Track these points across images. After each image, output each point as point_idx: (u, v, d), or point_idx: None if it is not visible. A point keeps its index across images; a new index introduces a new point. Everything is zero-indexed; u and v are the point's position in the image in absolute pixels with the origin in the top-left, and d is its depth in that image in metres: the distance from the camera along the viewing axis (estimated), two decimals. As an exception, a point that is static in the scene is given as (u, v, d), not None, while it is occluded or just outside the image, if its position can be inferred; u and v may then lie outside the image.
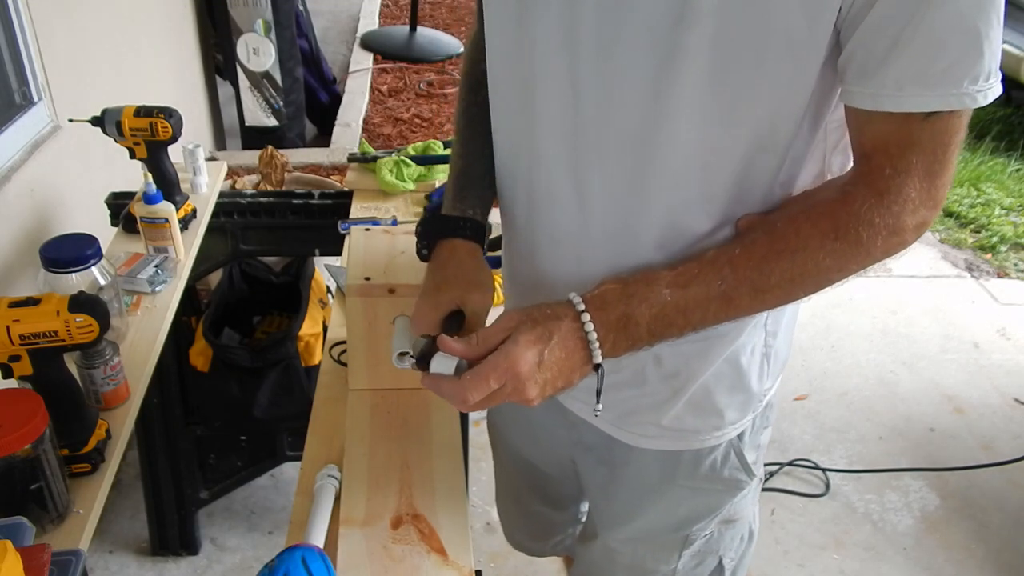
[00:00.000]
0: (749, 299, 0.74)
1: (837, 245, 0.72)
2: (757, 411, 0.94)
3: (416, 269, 1.12)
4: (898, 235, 0.72)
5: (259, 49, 3.28)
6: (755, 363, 0.89)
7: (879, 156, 0.72)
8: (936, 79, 0.67)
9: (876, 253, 0.73)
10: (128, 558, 1.91)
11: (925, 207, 0.72)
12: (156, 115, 1.42)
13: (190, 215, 1.56)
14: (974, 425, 2.44)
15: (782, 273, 0.73)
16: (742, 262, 0.73)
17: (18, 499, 0.88)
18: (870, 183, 0.72)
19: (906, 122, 0.69)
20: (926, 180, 0.71)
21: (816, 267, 0.73)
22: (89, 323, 0.96)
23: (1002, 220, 3.57)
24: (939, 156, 0.71)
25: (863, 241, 0.72)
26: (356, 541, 0.93)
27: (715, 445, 0.93)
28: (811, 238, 0.73)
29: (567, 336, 0.73)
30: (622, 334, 0.74)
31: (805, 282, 0.74)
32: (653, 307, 0.73)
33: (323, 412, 1.18)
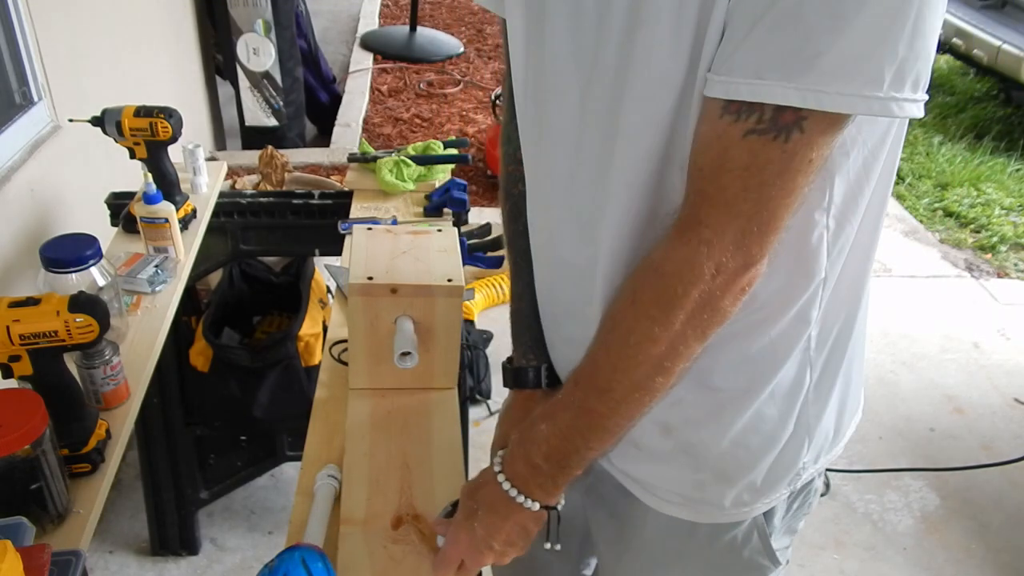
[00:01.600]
0: (600, 403, 0.70)
1: (635, 311, 0.66)
2: (794, 487, 0.83)
3: (418, 269, 1.11)
4: (696, 285, 0.62)
5: (259, 49, 3.28)
6: (790, 433, 0.79)
7: (694, 177, 0.63)
8: (800, 68, 0.55)
9: (678, 313, 0.64)
10: (128, 558, 1.91)
11: (725, 251, 0.61)
12: (156, 115, 1.42)
13: (190, 215, 1.56)
14: (974, 425, 2.44)
15: (605, 362, 0.69)
16: (582, 368, 0.72)
17: (18, 499, 0.88)
18: (678, 218, 0.64)
19: (727, 131, 0.59)
20: (733, 219, 0.61)
21: (627, 344, 0.66)
22: (89, 323, 0.96)
23: (1002, 220, 3.57)
24: (752, 191, 0.59)
25: (657, 299, 0.64)
26: (356, 541, 0.93)
27: (738, 522, 0.84)
28: (617, 312, 0.68)
29: (492, 500, 0.80)
30: (537, 477, 0.77)
31: (630, 365, 0.67)
32: (541, 446, 0.75)
33: (323, 412, 1.17)
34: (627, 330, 0.67)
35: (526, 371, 0.94)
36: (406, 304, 1.09)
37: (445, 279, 1.10)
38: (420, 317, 1.10)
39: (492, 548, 0.81)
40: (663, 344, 0.66)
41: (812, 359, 0.76)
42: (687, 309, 0.64)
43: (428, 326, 1.11)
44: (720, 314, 0.65)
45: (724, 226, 0.61)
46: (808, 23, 0.54)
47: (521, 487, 0.78)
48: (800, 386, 0.77)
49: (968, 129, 4.38)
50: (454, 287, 1.10)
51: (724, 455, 0.79)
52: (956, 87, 4.93)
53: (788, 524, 0.89)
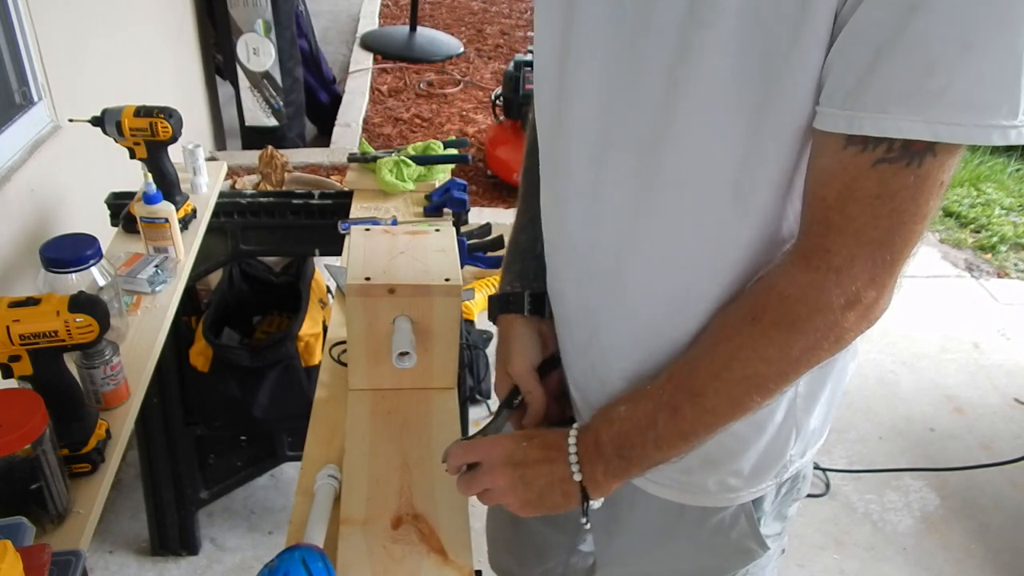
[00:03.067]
0: (689, 405, 0.69)
1: (752, 329, 0.65)
2: (781, 478, 0.85)
3: (416, 269, 1.12)
4: (822, 313, 0.61)
5: (259, 49, 3.28)
6: (778, 425, 0.80)
7: (816, 205, 0.62)
8: (927, 101, 0.54)
9: (799, 339, 0.63)
10: (128, 558, 1.91)
11: (858, 281, 0.60)
12: (156, 115, 1.43)
13: (190, 215, 1.57)
14: (974, 425, 2.44)
15: (707, 370, 0.68)
16: (680, 367, 0.70)
17: (18, 499, 0.88)
18: (798, 244, 0.64)
19: (853, 162, 0.58)
20: (863, 247, 0.60)
21: (737, 358, 0.66)
22: (89, 323, 0.96)
23: (1002, 220, 3.57)
24: (883, 219, 0.58)
25: (778, 321, 0.63)
26: (356, 541, 0.93)
27: (724, 507, 0.85)
28: (730, 325, 0.67)
29: (550, 442, 0.78)
30: (593, 454, 0.75)
31: (733, 378, 0.66)
32: (613, 425, 0.74)
33: (323, 412, 1.17)
34: (740, 345, 0.66)
35: (508, 296, 0.95)
36: (404, 304, 1.09)
37: (443, 279, 1.10)
38: (418, 317, 1.10)
39: (514, 472, 0.78)
40: (775, 366, 0.65)
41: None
42: (809, 336, 0.63)
43: (426, 326, 1.11)
44: (843, 344, 0.64)
45: (854, 255, 0.60)
46: (934, 53, 0.53)
47: (580, 454, 0.76)
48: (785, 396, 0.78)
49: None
50: (452, 287, 1.10)
51: (712, 441, 0.78)
52: (956, 87, 4.94)
53: (778, 510, 0.90)
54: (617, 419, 0.74)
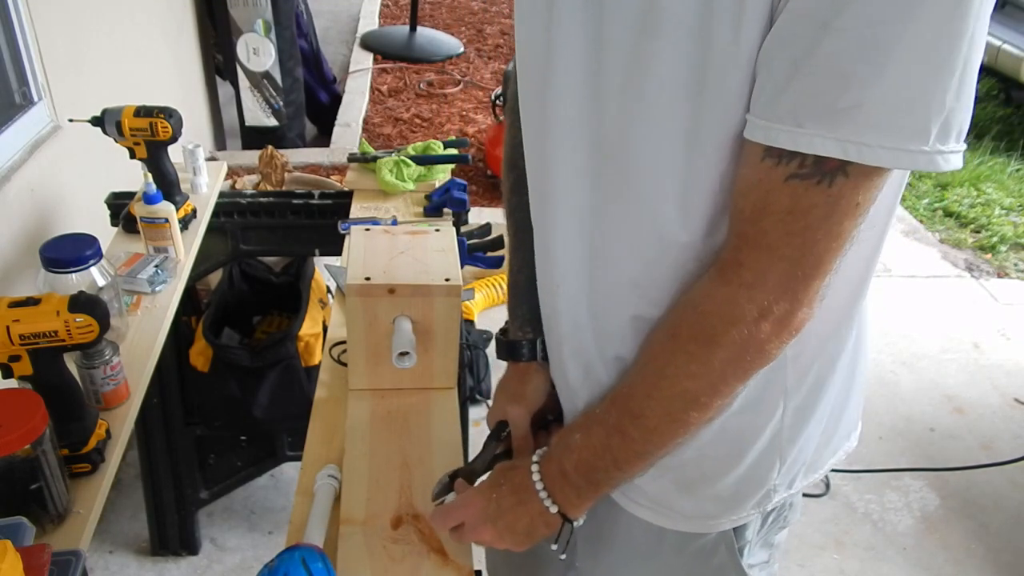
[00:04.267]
0: (634, 428, 0.69)
1: (673, 345, 0.65)
2: (764, 508, 0.82)
3: (416, 270, 1.12)
4: (736, 325, 0.61)
5: (259, 49, 3.28)
6: (759, 452, 0.77)
7: (735, 219, 0.62)
8: (839, 119, 0.54)
9: (718, 351, 0.63)
10: (128, 558, 1.91)
11: (769, 295, 0.60)
12: (156, 115, 1.43)
13: (190, 215, 1.57)
14: (974, 425, 2.44)
15: (641, 391, 0.68)
16: (619, 390, 0.71)
17: (18, 499, 0.88)
18: (719, 258, 0.64)
19: (768, 175, 0.58)
20: (775, 263, 0.59)
21: (663, 376, 0.66)
22: (89, 323, 0.96)
23: (1002, 220, 3.57)
24: (796, 235, 0.58)
25: (695, 335, 0.63)
26: (356, 541, 0.93)
27: (703, 533, 0.83)
28: (656, 343, 0.67)
29: (519, 483, 0.79)
30: (563, 483, 0.76)
31: (664, 396, 0.67)
32: (572, 454, 0.75)
33: (323, 412, 1.18)
34: (664, 362, 0.67)
35: (520, 344, 0.94)
36: (404, 304, 1.09)
37: (443, 279, 1.10)
38: (418, 317, 1.10)
39: (495, 525, 0.80)
40: (701, 381, 0.65)
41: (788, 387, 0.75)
42: (727, 348, 0.63)
43: (427, 326, 1.11)
44: (764, 356, 0.64)
45: (766, 270, 0.60)
46: (847, 71, 0.52)
47: (548, 487, 0.77)
48: (773, 407, 0.76)
49: (968, 129, 4.38)
50: (452, 287, 1.10)
51: (686, 464, 0.78)
52: (956, 87, 4.94)
53: (764, 538, 0.88)
54: (575, 447, 0.75)
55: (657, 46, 0.61)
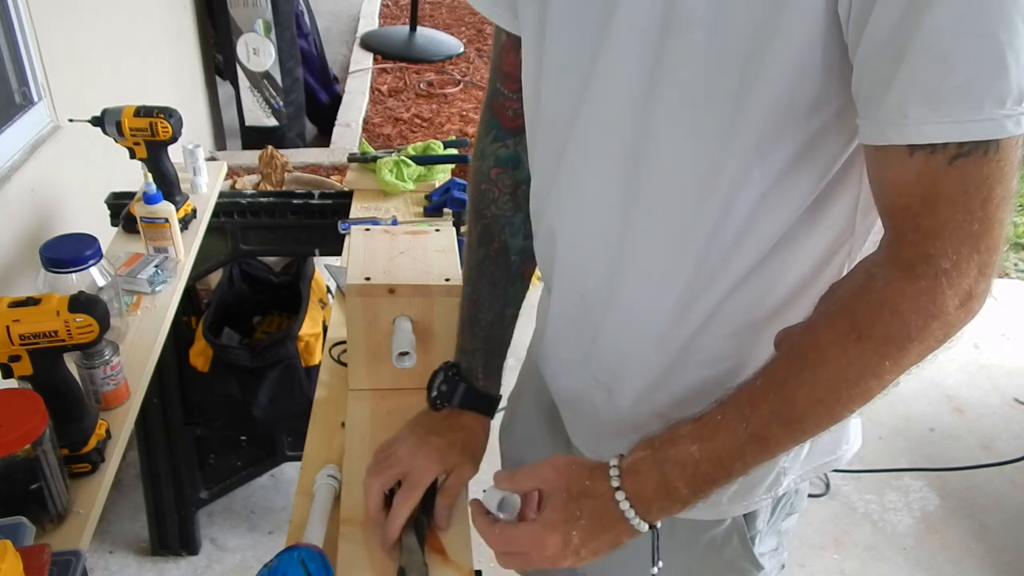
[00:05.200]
0: (783, 433, 0.66)
1: (861, 348, 0.61)
2: (775, 493, 0.83)
3: (416, 270, 1.12)
4: (938, 318, 0.59)
5: (259, 49, 3.28)
6: None
7: (901, 216, 0.60)
8: (946, 99, 0.54)
9: (914, 347, 0.61)
10: (128, 558, 1.91)
11: (968, 277, 0.58)
12: (156, 115, 1.42)
13: (190, 215, 1.56)
14: (974, 425, 2.44)
15: (807, 396, 0.64)
16: (762, 395, 0.66)
17: (18, 499, 0.88)
18: (893, 255, 0.61)
19: (927, 166, 0.57)
20: (965, 243, 0.58)
21: (845, 379, 0.63)
22: (89, 323, 0.96)
23: (1002, 220, 3.57)
24: (977, 211, 0.57)
25: (892, 336, 0.60)
26: (356, 541, 0.93)
27: (716, 521, 0.83)
28: (831, 346, 0.63)
29: (600, 513, 0.71)
30: (664, 501, 0.70)
31: (839, 399, 0.64)
32: (687, 468, 0.68)
33: (323, 412, 1.17)
34: (847, 365, 0.62)
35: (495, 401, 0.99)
36: (404, 304, 1.09)
37: (443, 279, 1.10)
38: (418, 317, 1.10)
39: (579, 554, 0.73)
40: (887, 377, 0.63)
41: None
42: (925, 342, 0.61)
43: (427, 326, 1.11)
44: (951, 340, 0.62)
45: (959, 252, 0.58)
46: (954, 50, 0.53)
47: (641, 509, 0.70)
48: None
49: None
50: (452, 287, 1.10)
51: None
52: (956, 87, 4.94)
53: (774, 526, 0.88)
54: (690, 462, 0.68)
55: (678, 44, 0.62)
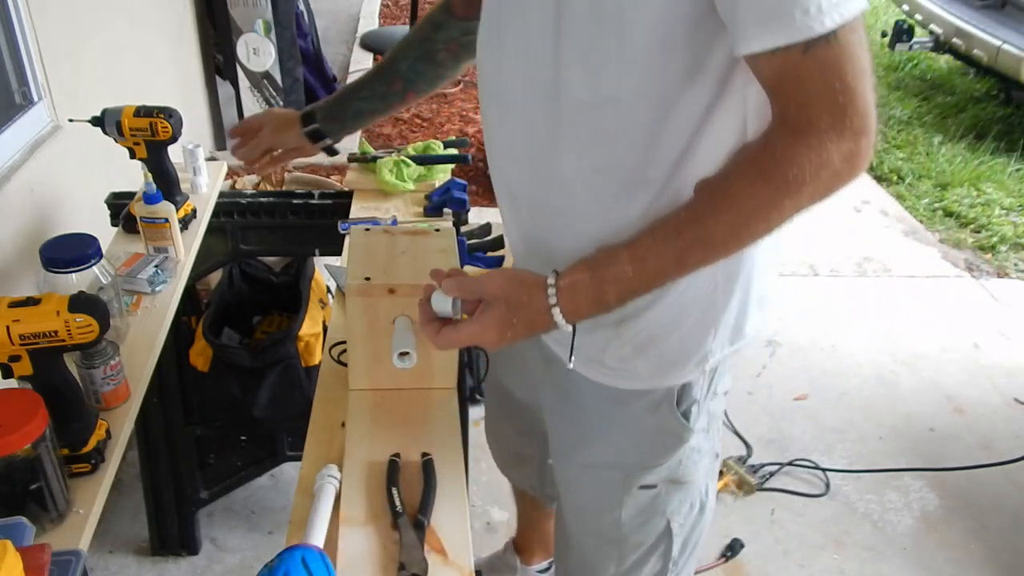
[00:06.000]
0: (701, 256, 0.80)
1: (766, 189, 0.76)
2: (704, 368, 0.98)
3: (416, 270, 1.12)
4: (826, 167, 0.74)
5: (259, 49, 3.28)
6: (697, 317, 0.94)
7: (781, 96, 0.75)
8: (768, 16, 0.70)
9: (807, 189, 0.76)
10: (128, 558, 1.91)
11: (846, 138, 0.73)
12: (156, 115, 1.42)
13: (190, 215, 1.57)
14: (974, 425, 2.44)
15: (723, 226, 0.79)
16: (686, 225, 0.80)
17: (18, 499, 0.88)
18: (783, 123, 0.75)
19: (787, 61, 0.72)
20: (835, 111, 0.72)
21: (752, 214, 0.78)
22: (89, 323, 0.96)
23: (1002, 220, 3.57)
24: (837, 85, 0.72)
25: (790, 180, 0.75)
26: (356, 541, 0.94)
27: (652, 389, 0.99)
28: (741, 188, 0.77)
29: (533, 320, 0.86)
30: (593, 311, 0.84)
31: (748, 229, 0.79)
32: (619, 285, 0.82)
33: (323, 412, 1.18)
34: (758, 204, 0.77)
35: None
36: (404, 304, 1.09)
37: (444, 279, 1.10)
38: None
39: (500, 344, 0.88)
40: (787, 213, 0.78)
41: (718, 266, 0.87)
42: (816, 186, 0.75)
43: (428, 326, 1.11)
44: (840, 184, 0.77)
45: (833, 117, 0.72)
46: None
47: (571, 319, 0.84)
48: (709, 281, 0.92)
49: (968, 129, 4.38)
50: (454, 287, 1.09)
51: (641, 331, 0.94)
52: (956, 87, 4.93)
53: (705, 404, 1.02)
54: (623, 279, 0.82)
55: None
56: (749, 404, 2.47)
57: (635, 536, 1.09)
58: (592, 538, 1.13)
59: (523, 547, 1.79)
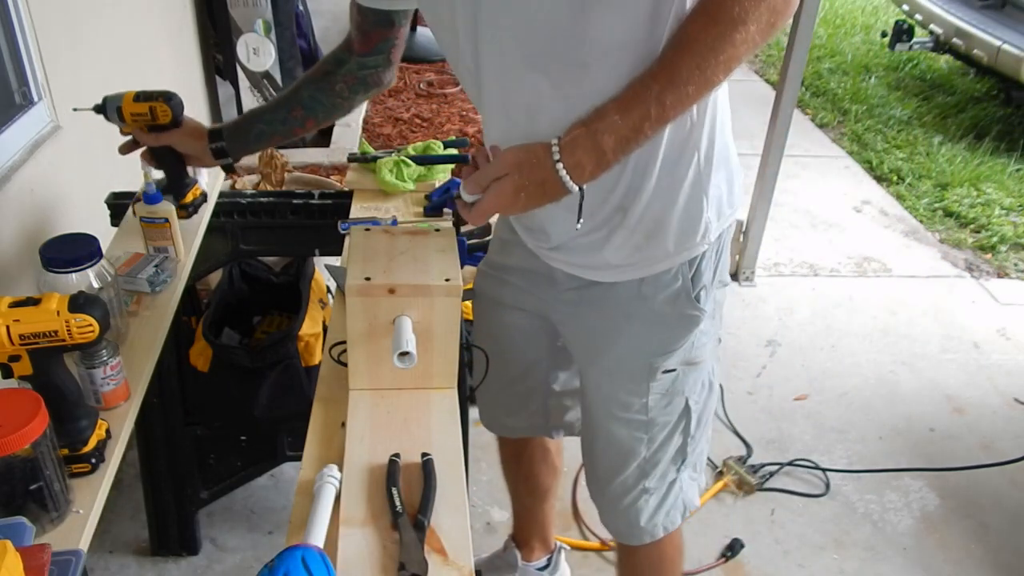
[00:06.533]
0: (674, 96, 0.90)
1: (718, 29, 0.88)
2: (709, 239, 1.10)
3: (416, 270, 1.12)
4: (764, 2, 0.87)
5: (259, 49, 3.28)
6: (687, 193, 1.06)
7: None
8: None
9: (752, 26, 0.88)
10: (128, 558, 1.91)
11: None
12: (156, 99, 1.41)
13: (199, 199, 1.54)
14: (974, 425, 2.45)
15: (688, 66, 0.90)
16: (659, 72, 0.91)
17: (18, 499, 0.88)
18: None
19: None
20: None
21: (709, 48, 0.89)
22: (89, 323, 0.96)
23: (1002, 220, 3.57)
24: None
25: (735, 16, 0.87)
26: (356, 541, 0.94)
27: (665, 271, 1.11)
28: (696, 30, 0.89)
29: (543, 180, 0.94)
30: (594, 166, 0.93)
31: (710, 66, 0.90)
32: (613, 134, 0.91)
33: (323, 412, 1.18)
34: (714, 38, 0.88)
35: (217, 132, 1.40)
36: (404, 304, 1.09)
37: (443, 279, 1.10)
38: (419, 317, 1.10)
39: (514, 207, 0.97)
40: (740, 48, 0.89)
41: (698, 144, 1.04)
42: (759, 23, 0.88)
43: (427, 326, 1.11)
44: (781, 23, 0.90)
45: None
46: None
47: (576, 174, 0.93)
48: (690, 158, 1.05)
49: (968, 129, 4.38)
50: (452, 286, 1.10)
51: (644, 219, 1.07)
52: (956, 87, 4.94)
53: (711, 291, 1.15)
54: (614, 129, 0.91)
55: None
56: (749, 404, 2.48)
57: (661, 418, 1.23)
58: (624, 428, 1.25)
59: (523, 541, 1.80)
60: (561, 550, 1.85)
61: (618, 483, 1.30)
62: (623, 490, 1.31)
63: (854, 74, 5.13)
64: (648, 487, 1.29)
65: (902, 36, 4.41)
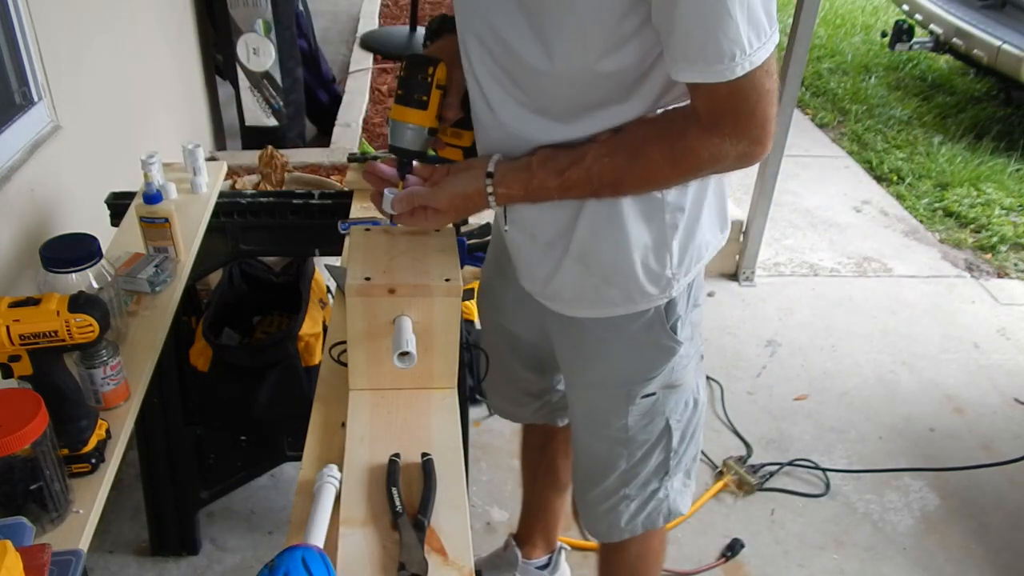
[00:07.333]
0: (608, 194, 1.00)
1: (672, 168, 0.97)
2: (670, 294, 1.13)
3: (416, 270, 1.12)
4: (721, 162, 0.95)
5: (259, 49, 3.28)
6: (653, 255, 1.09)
7: (697, 100, 0.93)
8: (694, 57, 0.86)
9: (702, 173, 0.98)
10: (128, 558, 1.91)
11: (743, 143, 0.93)
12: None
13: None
14: (974, 425, 2.45)
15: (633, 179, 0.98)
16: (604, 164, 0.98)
17: (18, 499, 0.88)
18: (697, 119, 0.94)
19: (714, 89, 0.88)
20: (739, 124, 0.92)
21: (656, 175, 0.98)
22: (89, 323, 0.96)
23: (1002, 220, 3.57)
24: (744, 106, 0.90)
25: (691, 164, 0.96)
26: (356, 541, 0.94)
27: (642, 311, 1.14)
28: (651, 154, 0.96)
29: (475, 207, 1.06)
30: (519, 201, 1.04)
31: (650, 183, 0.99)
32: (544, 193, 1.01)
33: (323, 412, 1.18)
34: (663, 172, 0.98)
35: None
36: (404, 304, 1.09)
37: (443, 279, 1.10)
38: (419, 317, 1.10)
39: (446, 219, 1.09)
40: (684, 178, 1.01)
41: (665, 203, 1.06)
42: (709, 169, 0.97)
43: (427, 326, 1.11)
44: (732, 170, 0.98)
45: (735, 128, 0.92)
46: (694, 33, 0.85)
47: (503, 201, 1.05)
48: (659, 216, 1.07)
49: (968, 129, 4.38)
50: (452, 286, 1.10)
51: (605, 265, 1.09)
52: (956, 87, 4.94)
53: (687, 316, 1.17)
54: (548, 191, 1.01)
55: None
56: (749, 404, 2.48)
57: (640, 436, 1.25)
58: (604, 443, 1.28)
59: (526, 538, 1.80)
60: (562, 550, 1.85)
61: (599, 490, 1.33)
62: (604, 496, 1.33)
63: (854, 74, 5.13)
64: (629, 494, 1.31)
65: (902, 36, 4.41)
